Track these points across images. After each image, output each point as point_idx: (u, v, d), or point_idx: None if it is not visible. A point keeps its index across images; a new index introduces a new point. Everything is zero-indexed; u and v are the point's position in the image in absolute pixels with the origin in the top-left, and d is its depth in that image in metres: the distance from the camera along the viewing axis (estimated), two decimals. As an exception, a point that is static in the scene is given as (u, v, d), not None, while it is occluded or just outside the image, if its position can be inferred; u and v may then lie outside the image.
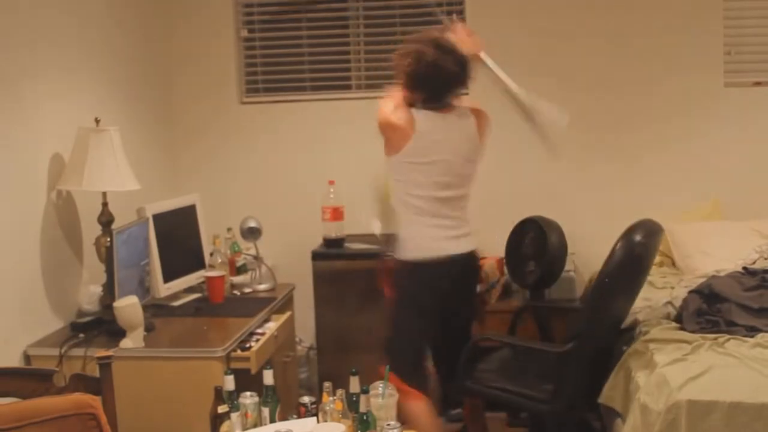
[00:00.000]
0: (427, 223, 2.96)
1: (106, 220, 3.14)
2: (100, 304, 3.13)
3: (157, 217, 3.35)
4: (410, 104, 2.94)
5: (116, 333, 2.87)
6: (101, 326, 3.00)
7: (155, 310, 3.28)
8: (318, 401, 2.26)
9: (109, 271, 3.00)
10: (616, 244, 2.81)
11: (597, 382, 3.00)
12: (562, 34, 4.14)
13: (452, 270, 2.98)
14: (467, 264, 3.06)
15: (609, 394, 2.92)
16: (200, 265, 3.67)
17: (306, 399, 2.29)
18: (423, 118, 2.91)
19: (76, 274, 3.24)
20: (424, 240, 2.96)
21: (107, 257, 3.03)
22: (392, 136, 2.93)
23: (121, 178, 3.08)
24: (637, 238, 2.80)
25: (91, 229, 3.21)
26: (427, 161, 2.92)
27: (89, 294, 3.18)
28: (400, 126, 2.89)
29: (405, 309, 2.99)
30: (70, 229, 3.20)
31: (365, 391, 2.19)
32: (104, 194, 3.13)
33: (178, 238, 3.57)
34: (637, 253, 2.81)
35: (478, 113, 3.05)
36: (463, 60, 2.95)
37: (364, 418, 2.15)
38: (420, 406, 2.93)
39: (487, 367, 3.19)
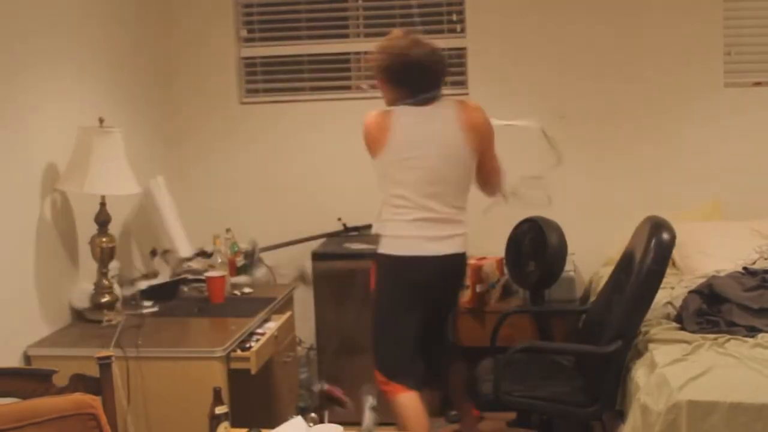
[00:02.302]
0: (407, 222, 2.95)
1: (103, 220, 3.14)
2: (91, 302, 3.14)
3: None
4: (392, 103, 2.98)
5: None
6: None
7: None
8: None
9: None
10: (649, 242, 2.81)
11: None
12: (561, 36, 4.14)
13: (431, 269, 2.96)
14: (450, 266, 3.02)
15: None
16: None
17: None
18: (400, 113, 2.94)
19: (76, 275, 3.23)
20: (403, 237, 2.95)
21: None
22: (369, 138, 2.97)
23: (122, 181, 3.09)
24: (666, 235, 2.83)
25: (86, 229, 3.19)
26: (405, 156, 2.92)
27: (80, 291, 3.17)
28: (374, 126, 2.95)
29: (384, 303, 3.02)
30: (69, 229, 3.20)
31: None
32: (103, 195, 3.13)
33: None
34: (669, 249, 2.84)
35: (464, 105, 3.01)
36: (437, 51, 2.97)
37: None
38: (406, 398, 2.91)
39: (507, 377, 3.05)
